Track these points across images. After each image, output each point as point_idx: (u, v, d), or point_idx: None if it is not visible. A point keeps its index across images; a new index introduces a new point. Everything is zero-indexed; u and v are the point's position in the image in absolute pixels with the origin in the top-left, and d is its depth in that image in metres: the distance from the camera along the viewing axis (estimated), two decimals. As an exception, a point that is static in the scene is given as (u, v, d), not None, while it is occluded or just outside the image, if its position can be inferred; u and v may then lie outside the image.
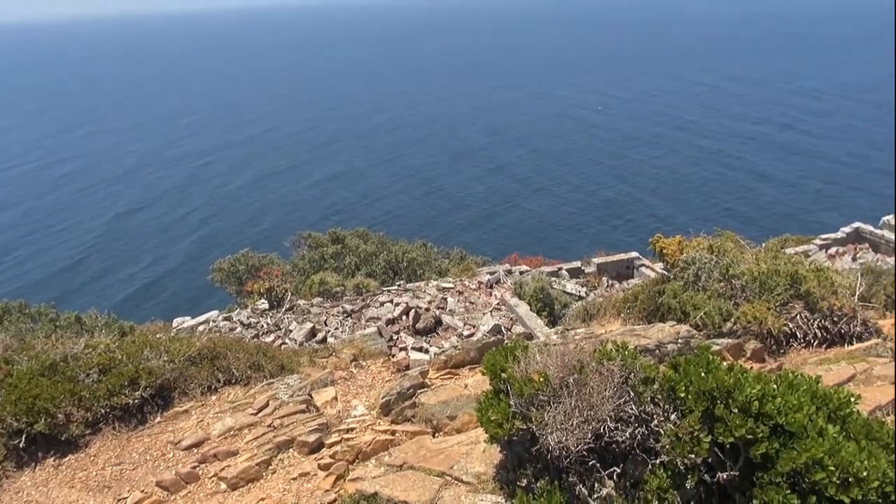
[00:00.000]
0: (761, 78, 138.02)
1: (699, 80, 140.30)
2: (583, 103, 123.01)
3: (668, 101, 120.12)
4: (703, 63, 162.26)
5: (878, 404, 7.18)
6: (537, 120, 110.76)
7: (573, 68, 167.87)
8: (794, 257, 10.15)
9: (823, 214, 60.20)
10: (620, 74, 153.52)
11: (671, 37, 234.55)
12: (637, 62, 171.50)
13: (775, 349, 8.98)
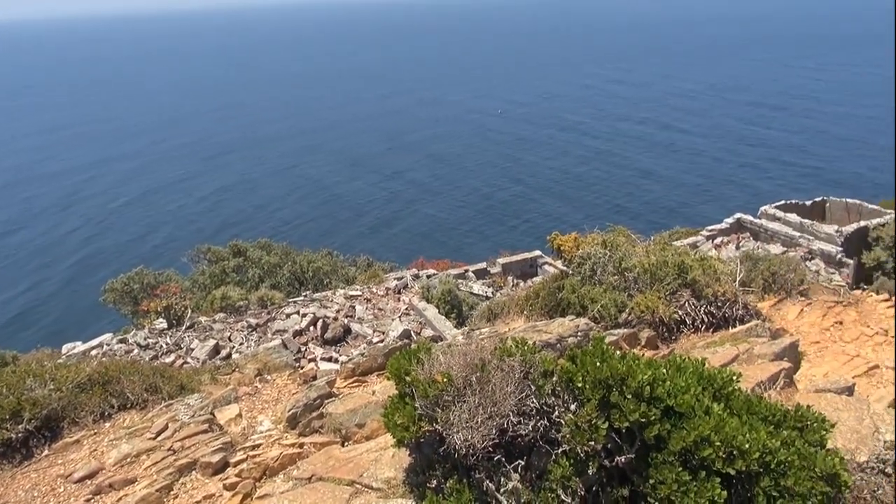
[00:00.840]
0: (642, 80, 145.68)
1: (586, 83, 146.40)
2: (477, 108, 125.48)
3: (559, 105, 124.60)
4: (588, 67, 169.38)
5: (758, 381, 7.72)
6: (433, 125, 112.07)
7: (467, 73, 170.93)
8: (680, 248, 10.77)
9: (703, 207, 64.27)
10: (510, 78, 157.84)
11: (559, 42, 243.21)
12: (527, 67, 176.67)
13: (667, 336, 9.49)
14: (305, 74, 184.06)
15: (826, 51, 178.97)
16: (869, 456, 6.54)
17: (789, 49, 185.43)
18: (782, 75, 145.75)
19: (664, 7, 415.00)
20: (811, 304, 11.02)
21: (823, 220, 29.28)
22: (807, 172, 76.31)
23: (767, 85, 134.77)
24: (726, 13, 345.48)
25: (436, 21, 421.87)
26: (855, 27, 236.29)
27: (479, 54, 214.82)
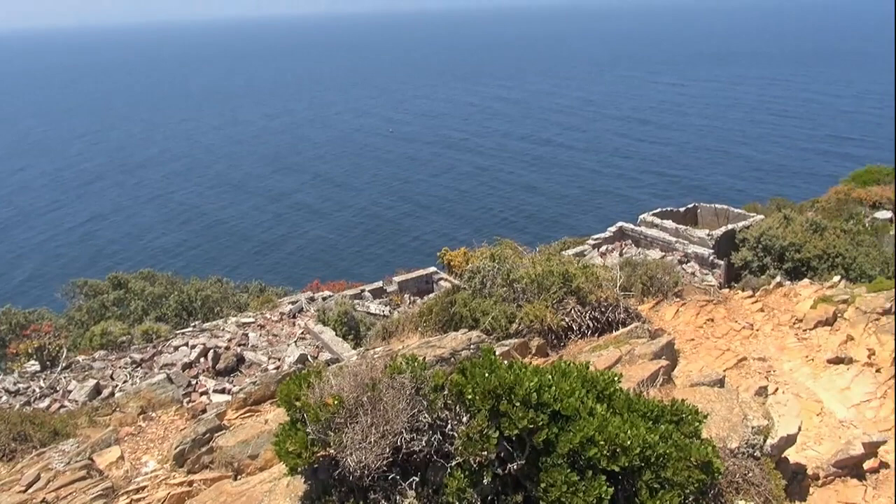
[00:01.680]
0: (521, 97, 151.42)
1: (468, 100, 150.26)
2: (363, 126, 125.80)
3: (443, 122, 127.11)
4: (469, 84, 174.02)
5: (640, 379, 8.15)
6: (319, 145, 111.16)
7: (351, 92, 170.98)
8: (565, 258, 11.23)
9: (584, 217, 67.43)
10: (394, 96, 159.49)
11: (441, 60, 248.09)
12: (410, 85, 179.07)
13: (556, 343, 9.84)
14: (181, 95, 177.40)
15: (689, 67, 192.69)
16: (739, 442, 7.05)
17: (655, 66, 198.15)
18: (650, 91, 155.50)
19: (536, 25, 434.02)
20: (686, 305, 11.79)
21: (696, 225, 31.34)
22: (675, 181, 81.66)
23: (636, 100, 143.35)
24: (595, 30, 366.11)
25: (318, 38, 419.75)
26: (717, 45, 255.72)
27: (363, 72, 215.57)
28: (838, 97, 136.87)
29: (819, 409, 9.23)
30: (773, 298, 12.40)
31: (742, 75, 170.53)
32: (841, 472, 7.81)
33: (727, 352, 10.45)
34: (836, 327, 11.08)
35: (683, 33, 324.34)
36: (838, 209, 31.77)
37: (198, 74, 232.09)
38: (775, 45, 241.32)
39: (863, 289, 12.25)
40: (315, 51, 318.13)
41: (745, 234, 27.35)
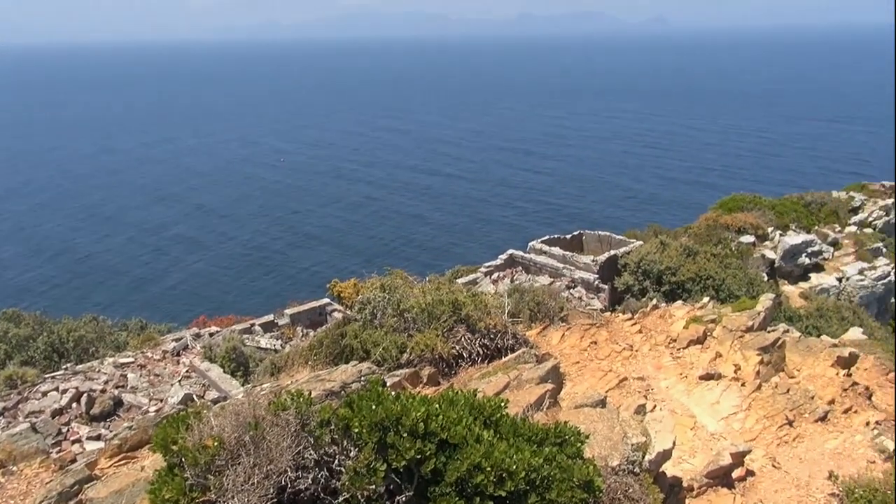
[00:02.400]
0: (411, 128, 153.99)
1: (358, 130, 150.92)
2: (248, 156, 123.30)
3: (333, 152, 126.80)
4: (357, 115, 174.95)
5: (527, 403, 8.36)
6: (200, 175, 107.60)
7: (234, 120, 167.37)
8: (454, 286, 11.42)
9: (473, 246, 68.93)
10: (284, 126, 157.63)
11: (329, 90, 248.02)
12: (298, 114, 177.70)
13: (448, 371, 9.92)
14: (47, 122, 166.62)
15: (571, 100, 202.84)
16: (620, 460, 7.37)
17: (539, 99, 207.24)
18: (535, 122, 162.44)
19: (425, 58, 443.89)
20: (571, 329, 12.28)
21: (582, 251, 32.71)
22: (559, 209, 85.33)
23: (522, 132, 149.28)
24: (481, 64, 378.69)
25: (205, 66, 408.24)
26: (598, 80, 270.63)
27: (252, 101, 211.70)
28: (703, 131, 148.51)
29: (693, 423, 9.83)
30: (651, 320, 13.15)
31: (620, 109, 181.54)
32: (713, 483, 8.32)
33: (609, 373, 10.95)
34: (706, 345, 11.88)
35: (566, 68, 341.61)
36: (708, 234, 34.14)
37: (71, 100, 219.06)
38: (650, 82, 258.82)
39: (728, 308, 13.24)
40: (202, 78, 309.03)
41: (626, 259, 28.81)
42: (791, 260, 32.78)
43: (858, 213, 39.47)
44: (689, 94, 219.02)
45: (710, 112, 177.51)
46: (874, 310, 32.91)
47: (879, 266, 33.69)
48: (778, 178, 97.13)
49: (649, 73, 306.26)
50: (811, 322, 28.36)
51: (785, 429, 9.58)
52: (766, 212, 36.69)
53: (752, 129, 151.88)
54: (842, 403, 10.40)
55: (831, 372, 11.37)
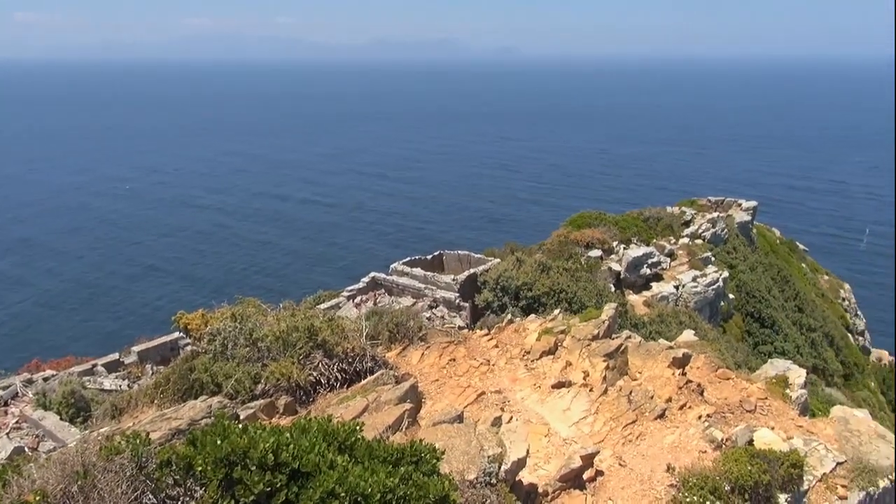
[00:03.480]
0: (262, 154, 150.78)
1: (206, 156, 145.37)
2: (85, 185, 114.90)
3: (178, 179, 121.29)
4: (209, 140, 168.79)
5: (386, 425, 8.35)
6: (20, 206, 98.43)
7: (59, 147, 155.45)
8: (310, 312, 11.21)
9: (328, 270, 68.28)
10: (123, 151, 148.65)
11: (174, 114, 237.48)
12: (143, 139, 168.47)
13: (305, 399, 9.69)
14: None
15: (426, 125, 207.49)
16: (477, 472, 7.52)
17: (393, 123, 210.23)
18: (391, 147, 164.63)
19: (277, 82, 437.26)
20: (430, 347, 12.44)
21: (443, 271, 33.30)
22: (416, 232, 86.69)
23: (377, 156, 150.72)
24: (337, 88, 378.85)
25: (29, 85, 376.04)
26: (453, 106, 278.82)
27: (81, 124, 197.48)
28: (551, 153, 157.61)
29: (546, 430, 10.26)
30: (506, 334, 13.63)
31: (474, 133, 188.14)
32: (565, 486, 8.71)
33: (468, 388, 11.19)
34: (557, 355, 12.49)
35: (419, 94, 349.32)
36: (560, 250, 35.98)
37: None
38: (501, 107, 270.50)
39: (577, 319, 14.02)
40: (26, 100, 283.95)
41: (485, 276, 29.67)
42: (634, 271, 35.25)
43: (690, 226, 43.25)
44: (536, 119, 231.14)
45: (557, 135, 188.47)
46: (707, 313, 36.13)
47: (709, 273, 37.09)
48: (618, 195, 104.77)
49: (500, 99, 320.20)
50: (654, 328, 30.67)
51: (629, 428, 10.25)
52: (610, 227, 39.26)
53: (595, 150, 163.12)
54: (678, 400, 11.30)
55: (668, 372, 12.34)
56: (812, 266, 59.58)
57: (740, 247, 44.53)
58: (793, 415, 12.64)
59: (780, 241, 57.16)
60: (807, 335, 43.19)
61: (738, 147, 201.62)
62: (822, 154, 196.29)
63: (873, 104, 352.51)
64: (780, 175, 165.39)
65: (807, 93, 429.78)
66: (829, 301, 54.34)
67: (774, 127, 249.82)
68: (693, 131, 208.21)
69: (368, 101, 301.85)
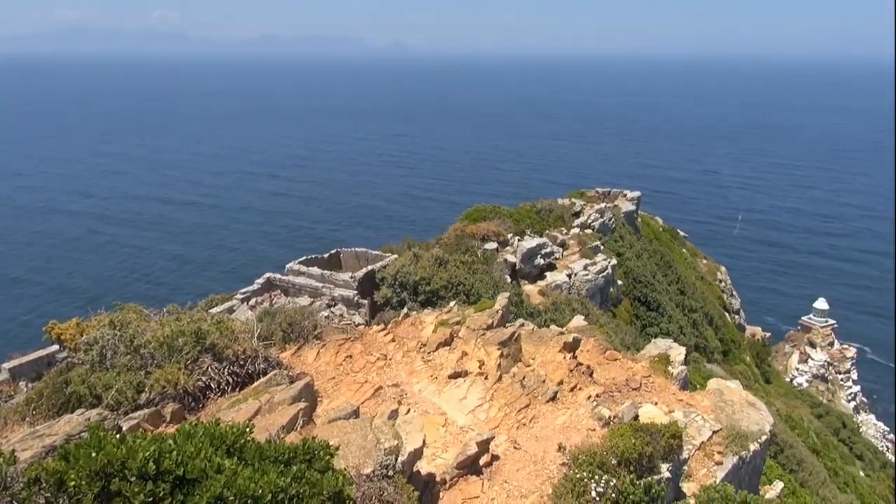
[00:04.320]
0: (139, 154, 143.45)
1: (72, 156, 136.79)
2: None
3: (38, 183, 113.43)
4: (76, 140, 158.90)
5: (280, 425, 8.19)
6: None
7: None
8: (197, 315, 10.79)
9: (215, 274, 65.97)
10: None
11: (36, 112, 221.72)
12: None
13: (194, 405, 9.33)
14: None
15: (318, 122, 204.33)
16: (374, 466, 7.53)
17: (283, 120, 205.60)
18: (279, 145, 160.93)
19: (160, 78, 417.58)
20: (326, 345, 12.29)
21: (340, 269, 32.93)
22: (309, 231, 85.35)
23: (264, 154, 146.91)
24: (219, 87, 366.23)
25: None
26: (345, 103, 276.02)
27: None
28: (444, 149, 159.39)
29: (444, 420, 10.40)
30: (403, 328, 13.68)
31: (367, 131, 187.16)
32: (463, 472, 8.88)
33: (365, 384, 11.16)
34: (453, 346, 12.67)
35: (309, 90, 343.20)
36: (457, 244, 36.45)
37: None
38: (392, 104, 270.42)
39: (471, 310, 14.28)
40: None
41: (383, 273, 29.61)
42: (529, 262, 36.28)
43: (580, 216, 45.00)
44: (429, 116, 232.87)
45: (450, 132, 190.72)
46: (598, 299, 37.76)
47: (599, 261, 38.75)
48: (511, 189, 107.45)
49: (392, 95, 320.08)
50: (549, 315, 31.70)
51: (523, 412, 10.57)
52: (505, 220, 40.18)
53: (488, 146, 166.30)
54: (569, 383, 11.76)
55: (559, 357, 12.80)
56: (692, 251, 63.63)
57: (627, 235, 46.82)
58: (674, 390, 13.46)
59: (663, 229, 60.63)
60: (689, 316, 46.06)
61: (620, 140, 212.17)
62: (696, 147, 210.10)
63: (739, 99, 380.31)
64: (660, 167, 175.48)
65: (679, 89, 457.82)
66: (707, 283, 58.20)
67: (652, 121, 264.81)
68: (579, 126, 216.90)
69: (257, 98, 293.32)
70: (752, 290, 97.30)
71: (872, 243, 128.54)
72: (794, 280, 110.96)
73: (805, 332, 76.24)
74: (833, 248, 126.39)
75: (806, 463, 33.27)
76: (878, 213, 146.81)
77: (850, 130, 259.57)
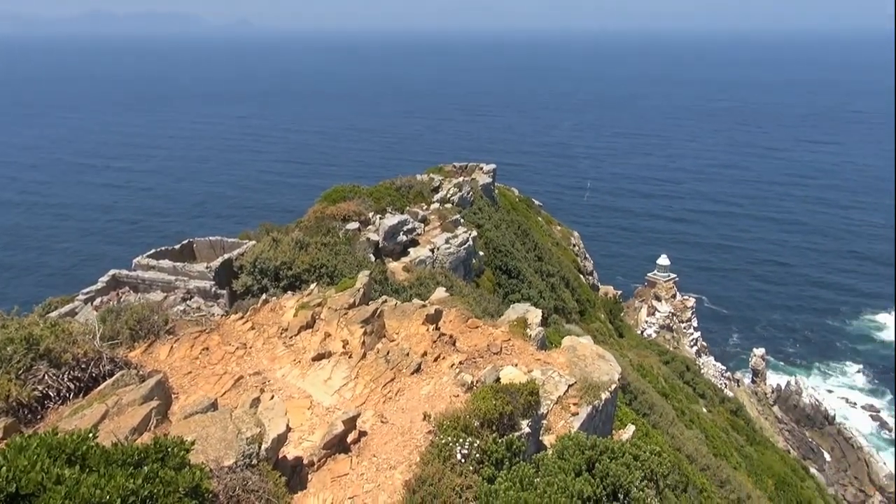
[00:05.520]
0: None
1: None
2: None
3: None
4: None
5: (131, 426, 7.76)
6: None
7: None
8: (27, 320, 9.89)
9: (37, 279, 60.81)
10: None
11: None
12: None
13: (32, 418, 8.60)
14: None
15: (157, 106, 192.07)
16: (236, 456, 7.34)
17: (116, 104, 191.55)
18: (111, 132, 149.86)
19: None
20: (179, 340, 11.71)
21: (194, 260, 31.35)
22: (152, 226, 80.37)
23: (93, 144, 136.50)
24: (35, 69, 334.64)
25: None
26: (189, 84, 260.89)
27: None
28: (298, 131, 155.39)
29: (309, 403, 10.30)
30: (262, 315, 13.32)
31: (214, 114, 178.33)
32: (330, 452, 8.87)
33: (225, 375, 10.78)
34: (315, 328, 12.53)
35: (146, 71, 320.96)
36: (317, 226, 35.85)
37: None
38: (241, 85, 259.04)
39: (332, 290, 14.16)
40: None
41: (241, 261, 28.55)
42: (392, 239, 36.45)
43: (439, 191, 45.73)
44: (277, 97, 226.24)
45: (301, 112, 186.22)
46: (461, 272, 38.73)
47: (460, 234, 39.67)
48: (369, 169, 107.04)
49: (237, 76, 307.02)
50: (414, 291, 32.09)
51: (388, 386, 10.70)
52: (365, 199, 40.03)
53: (341, 126, 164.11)
54: (432, 354, 12.03)
55: (423, 329, 13.04)
56: (546, 219, 66.81)
57: (485, 207, 48.25)
58: (532, 350, 14.18)
59: (519, 199, 63.11)
60: (547, 280, 48.46)
61: (472, 115, 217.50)
62: (543, 120, 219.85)
63: (582, 73, 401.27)
64: (512, 140, 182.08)
65: (524, 63, 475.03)
66: (562, 248, 61.48)
67: (500, 97, 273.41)
68: (430, 103, 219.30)
69: (83, 81, 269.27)
70: (603, 251, 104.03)
71: (702, 204, 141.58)
72: (638, 239, 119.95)
73: (651, 287, 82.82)
74: (669, 209, 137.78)
75: (656, 406, 36.35)
76: (707, 176, 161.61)
77: (683, 101, 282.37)
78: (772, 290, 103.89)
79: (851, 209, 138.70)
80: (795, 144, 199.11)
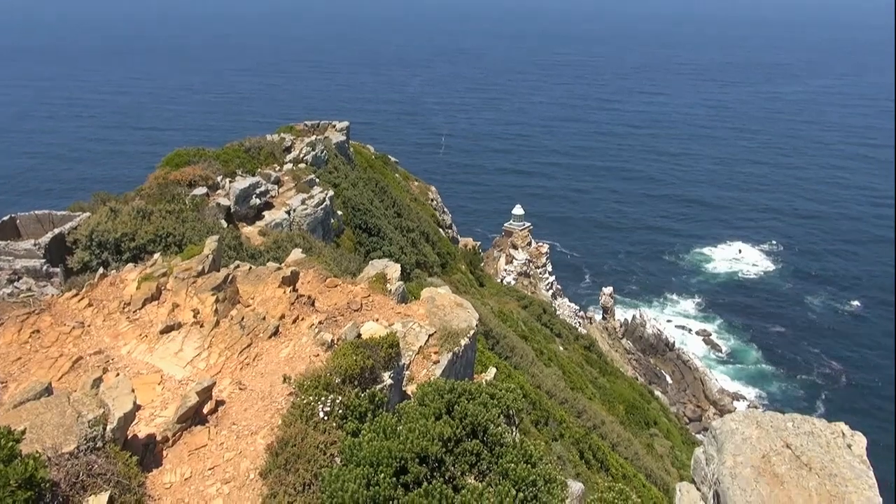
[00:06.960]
0: None
1: None
2: None
3: None
4: None
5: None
6: None
7: None
8: None
9: None
10: None
11: None
12: None
13: None
14: None
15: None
16: (78, 441, 6.84)
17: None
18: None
19: None
20: (4, 324, 10.60)
21: (19, 237, 28.41)
22: None
23: None
24: None
25: None
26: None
27: None
28: (118, 94, 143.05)
29: (160, 378, 9.77)
30: (101, 290, 12.34)
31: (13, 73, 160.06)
32: (186, 425, 8.51)
33: (61, 357, 9.93)
34: (162, 300, 11.82)
35: None
36: (161, 193, 33.56)
37: None
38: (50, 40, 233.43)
39: (178, 259, 13.39)
40: None
41: (75, 234, 26.28)
42: (244, 203, 35.01)
43: (291, 151, 44.33)
44: (89, 55, 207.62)
45: (128, 72, 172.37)
46: (320, 232, 38.09)
47: (316, 194, 38.86)
48: (212, 133, 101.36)
49: (41, 32, 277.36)
50: (271, 255, 31.14)
51: (245, 352, 10.37)
52: (212, 162, 37.97)
53: (175, 86, 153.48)
54: (291, 316, 11.78)
55: (279, 292, 12.71)
56: (404, 175, 66.97)
57: (341, 166, 47.48)
58: (392, 304, 14.31)
59: (375, 156, 62.64)
60: (407, 236, 48.86)
61: (319, 72, 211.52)
62: (392, 75, 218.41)
63: (429, 28, 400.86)
64: (365, 98, 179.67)
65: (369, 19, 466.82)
66: (421, 203, 62.07)
67: (347, 53, 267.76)
68: (269, 57, 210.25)
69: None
70: (461, 204, 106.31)
71: (550, 156, 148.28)
72: (493, 192, 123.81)
73: (508, 237, 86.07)
74: (519, 162, 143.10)
75: (517, 349, 38.19)
76: (551, 129, 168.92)
77: (526, 55, 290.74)
78: (615, 235, 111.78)
79: (681, 156, 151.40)
80: (629, 96, 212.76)
